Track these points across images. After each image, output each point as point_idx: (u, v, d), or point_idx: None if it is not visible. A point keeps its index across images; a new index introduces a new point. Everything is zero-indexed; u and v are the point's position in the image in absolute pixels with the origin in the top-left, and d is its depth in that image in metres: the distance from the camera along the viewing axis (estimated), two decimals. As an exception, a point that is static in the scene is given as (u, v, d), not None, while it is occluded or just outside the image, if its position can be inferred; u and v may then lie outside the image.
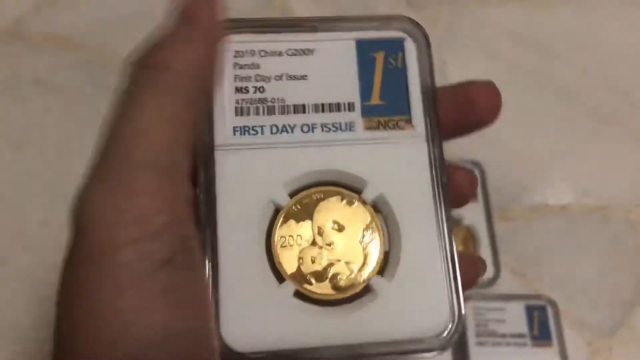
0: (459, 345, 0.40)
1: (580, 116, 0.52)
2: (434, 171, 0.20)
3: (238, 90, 0.21)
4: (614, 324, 0.42)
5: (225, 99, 0.21)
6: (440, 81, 0.53)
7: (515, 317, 0.41)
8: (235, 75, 0.21)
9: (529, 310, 0.42)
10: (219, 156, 0.20)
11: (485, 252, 0.44)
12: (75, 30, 0.54)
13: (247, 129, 0.20)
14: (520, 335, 0.41)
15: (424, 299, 0.19)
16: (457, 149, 0.49)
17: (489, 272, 0.43)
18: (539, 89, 0.53)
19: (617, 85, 0.53)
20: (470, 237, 0.44)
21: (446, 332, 0.19)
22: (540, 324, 0.41)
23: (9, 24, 0.53)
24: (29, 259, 0.43)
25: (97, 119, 0.51)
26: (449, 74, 0.53)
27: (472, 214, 0.45)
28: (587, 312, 0.43)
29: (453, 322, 0.19)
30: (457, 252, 0.20)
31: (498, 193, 0.47)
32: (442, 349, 0.19)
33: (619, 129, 0.51)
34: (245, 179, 0.20)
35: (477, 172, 0.47)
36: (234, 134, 0.21)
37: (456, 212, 0.45)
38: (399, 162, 0.20)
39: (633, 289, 0.44)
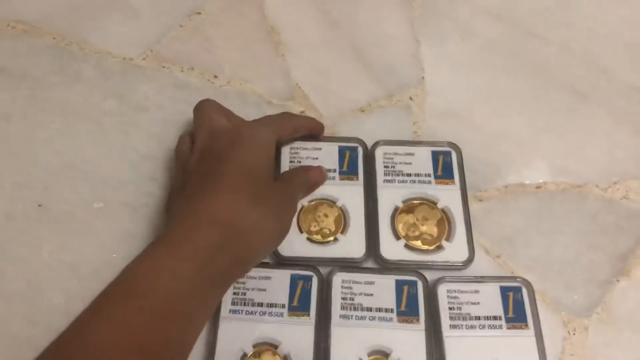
0: (432, 329, 0.39)
1: (556, 94, 0.51)
2: None
3: None
4: (590, 303, 0.42)
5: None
6: (413, 63, 0.52)
7: (490, 299, 0.41)
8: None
9: (504, 291, 0.41)
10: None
11: (460, 234, 0.43)
12: (39, 15, 0.52)
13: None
14: (495, 317, 0.40)
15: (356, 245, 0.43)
16: (434, 131, 0.48)
17: (464, 254, 0.42)
18: (516, 67, 0.52)
19: (595, 62, 0.52)
20: (445, 219, 0.44)
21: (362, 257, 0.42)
22: (516, 305, 0.41)
23: (-31, 11, 0.52)
24: (-5, 252, 0.42)
25: (63, 107, 0.50)
26: (423, 54, 0.52)
27: (448, 196, 0.44)
28: (563, 292, 0.42)
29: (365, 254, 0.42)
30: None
31: (473, 174, 0.46)
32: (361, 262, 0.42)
33: (596, 106, 0.50)
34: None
35: (454, 154, 0.46)
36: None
37: (433, 194, 0.44)
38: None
39: (610, 268, 0.43)
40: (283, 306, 0.40)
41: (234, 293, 0.40)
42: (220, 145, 0.39)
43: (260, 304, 0.40)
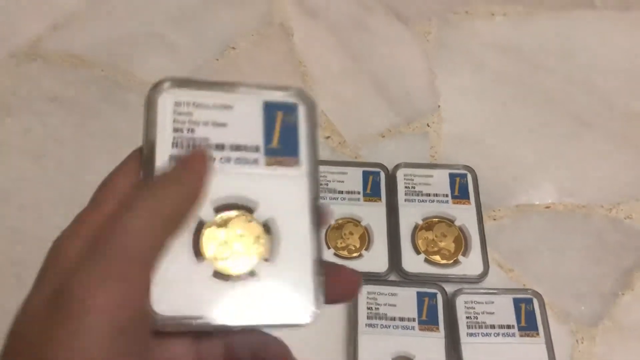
0: (451, 337, 0.43)
1: (562, 121, 0.55)
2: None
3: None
4: (596, 314, 0.45)
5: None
6: (429, 93, 0.56)
7: (503, 309, 0.44)
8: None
9: (517, 302, 0.45)
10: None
11: (475, 250, 0.47)
12: (89, 48, 0.57)
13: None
14: (508, 326, 0.44)
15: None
16: (450, 155, 0.52)
17: (479, 268, 0.46)
18: (524, 97, 0.56)
19: (596, 91, 0.57)
20: (461, 236, 0.47)
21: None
22: (527, 315, 0.44)
23: (27, 45, 0.57)
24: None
25: (110, 132, 0.54)
26: (438, 84, 0.57)
27: (464, 215, 0.48)
28: (571, 303, 0.46)
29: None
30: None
31: (487, 195, 0.50)
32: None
33: (599, 132, 0.54)
34: None
35: (469, 176, 0.50)
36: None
37: (450, 213, 0.48)
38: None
39: (614, 282, 0.47)
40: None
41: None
42: None
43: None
